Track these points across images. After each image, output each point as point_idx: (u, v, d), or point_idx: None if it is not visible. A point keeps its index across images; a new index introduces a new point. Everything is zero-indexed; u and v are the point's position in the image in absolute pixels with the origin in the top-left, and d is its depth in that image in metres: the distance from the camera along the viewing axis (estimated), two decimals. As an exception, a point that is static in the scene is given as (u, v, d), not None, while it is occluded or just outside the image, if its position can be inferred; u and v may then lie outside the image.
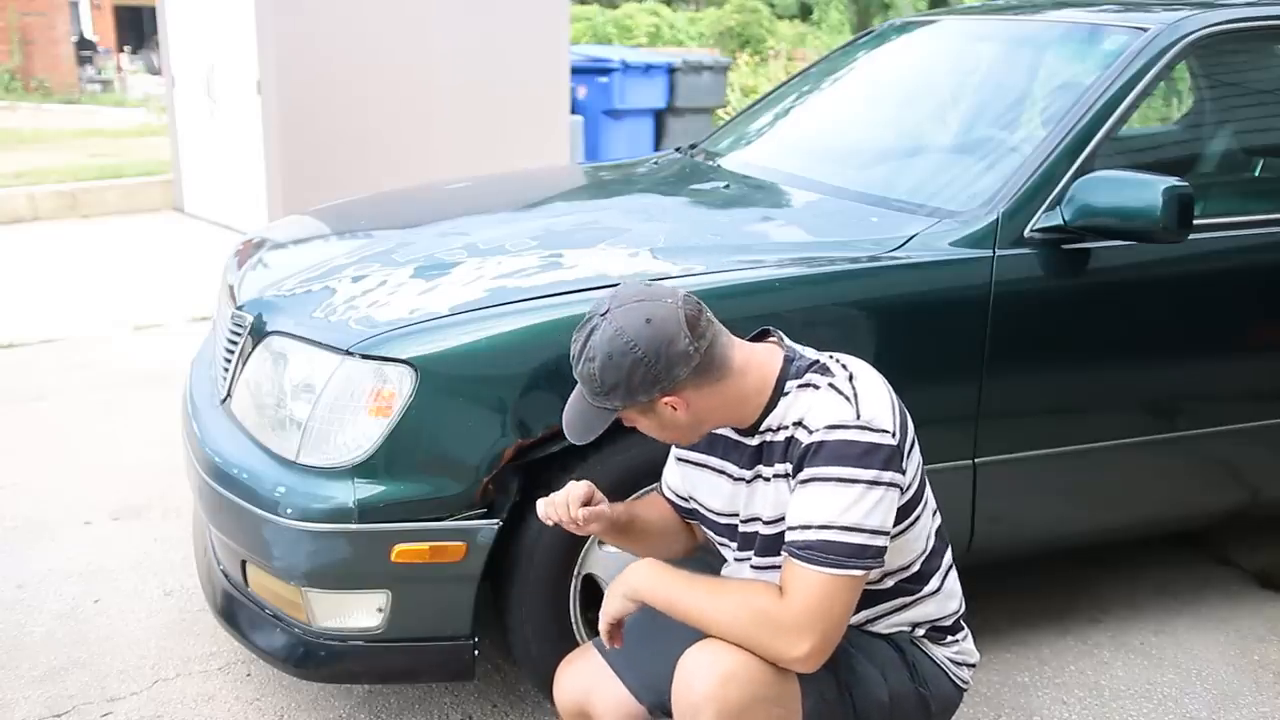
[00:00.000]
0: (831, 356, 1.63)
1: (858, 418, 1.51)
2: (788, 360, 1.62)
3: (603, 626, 1.66)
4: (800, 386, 1.59)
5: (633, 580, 1.61)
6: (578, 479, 1.72)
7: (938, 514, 1.73)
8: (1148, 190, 2.15)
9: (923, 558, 1.68)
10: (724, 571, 1.78)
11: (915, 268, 2.22)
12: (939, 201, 2.41)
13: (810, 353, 1.64)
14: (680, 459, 1.80)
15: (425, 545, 1.97)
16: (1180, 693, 2.48)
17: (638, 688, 1.72)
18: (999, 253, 2.25)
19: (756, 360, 1.61)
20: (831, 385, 1.55)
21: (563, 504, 1.67)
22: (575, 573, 2.10)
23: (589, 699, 1.76)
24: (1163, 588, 2.93)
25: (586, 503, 1.68)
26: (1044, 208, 2.28)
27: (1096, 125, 2.35)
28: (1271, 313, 2.56)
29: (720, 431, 1.70)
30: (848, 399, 1.53)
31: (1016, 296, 2.26)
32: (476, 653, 2.08)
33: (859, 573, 1.49)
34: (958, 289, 2.24)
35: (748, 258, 2.20)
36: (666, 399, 1.54)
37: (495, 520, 1.99)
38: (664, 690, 1.62)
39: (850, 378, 1.57)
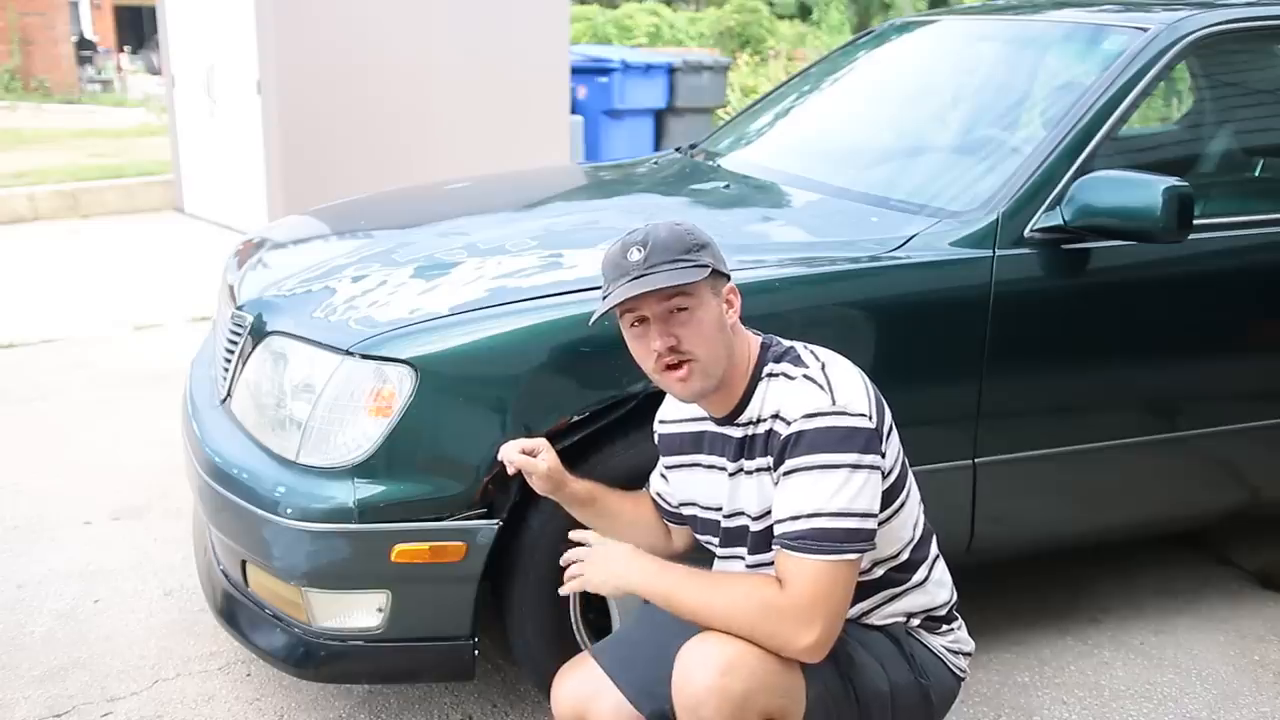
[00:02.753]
0: (806, 347, 1.67)
1: (833, 404, 1.55)
2: (764, 346, 1.67)
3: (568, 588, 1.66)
4: (775, 376, 1.62)
5: (627, 572, 1.61)
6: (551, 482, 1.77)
7: (922, 504, 1.75)
8: (1148, 190, 2.15)
9: (910, 546, 1.70)
10: (714, 569, 1.78)
11: (915, 268, 2.22)
12: (939, 202, 2.41)
13: (784, 341, 1.69)
14: (671, 465, 1.81)
15: (425, 545, 1.97)
16: (1180, 693, 2.48)
17: (636, 696, 1.71)
18: (999, 253, 2.25)
19: (746, 338, 1.68)
20: (806, 376, 1.59)
21: (511, 445, 1.77)
22: (575, 573, 2.10)
23: (588, 708, 1.75)
24: (1163, 588, 2.93)
25: (530, 454, 1.75)
26: (1044, 208, 2.28)
27: (1096, 125, 2.35)
28: (1271, 313, 2.55)
29: (701, 429, 1.73)
30: (822, 387, 1.57)
31: (1016, 296, 2.26)
32: (476, 653, 2.08)
33: (854, 556, 1.52)
34: (958, 289, 2.24)
35: (748, 258, 2.20)
36: (732, 287, 1.63)
37: (495, 520, 1.99)
38: (663, 697, 1.62)
39: (823, 367, 1.61)
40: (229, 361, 2.32)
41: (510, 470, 1.78)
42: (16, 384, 4.29)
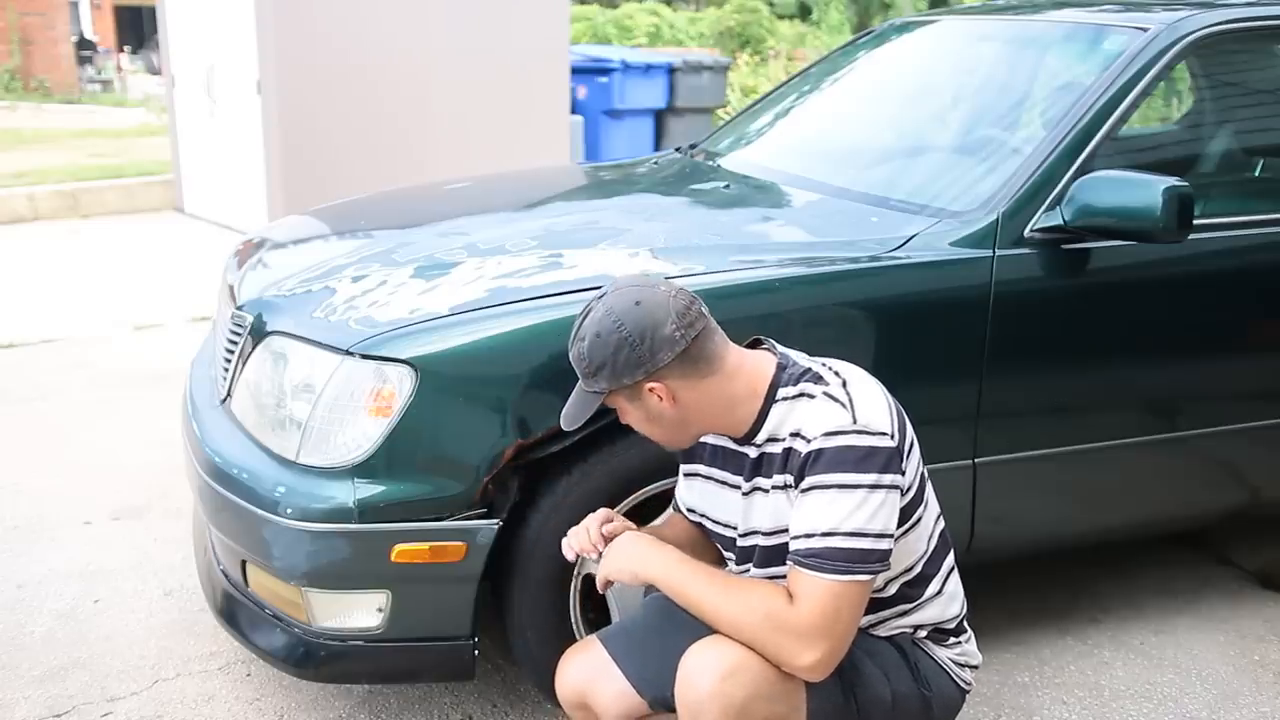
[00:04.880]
0: (824, 364, 1.63)
1: (854, 422, 1.51)
2: (780, 368, 1.62)
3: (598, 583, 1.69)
4: (794, 397, 1.58)
5: (645, 560, 1.61)
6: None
7: (941, 517, 1.73)
8: (1148, 190, 2.15)
9: (924, 560, 1.68)
10: None
11: (915, 268, 2.22)
12: (939, 202, 2.41)
13: (803, 360, 1.64)
14: (690, 473, 1.80)
15: (425, 545, 1.97)
16: (1180, 693, 2.48)
17: (639, 681, 1.72)
18: (999, 253, 2.25)
19: (749, 366, 1.61)
20: (826, 394, 1.55)
21: (583, 531, 1.71)
22: (575, 573, 2.10)
23: (591, 690, 1.76)
24: (1163, 588, 2.93)
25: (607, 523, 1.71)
26: (1044, 208, 2.28)
27: (1096, 125, 2.35)
28: (1271, 313, 2.55)
29: (719, 443, 1.70)
30: (843, 405, 1.53)
31: (1016, 296, 2.26)
32: (476, 653, 2.08)
33: (866, 578, 1.50)
34: (958, 289, 2.24)
35: (748, 258, 2.20)
36: (652, 385, 1.56)
37: (495, 520, 1.99)
38: (666, 684, 1.62)
39: (844, 384, 1.57)
40: (229, 361, 2.32)
41: (594, 555, 1.71)
42: (16, 384, 4.29)
